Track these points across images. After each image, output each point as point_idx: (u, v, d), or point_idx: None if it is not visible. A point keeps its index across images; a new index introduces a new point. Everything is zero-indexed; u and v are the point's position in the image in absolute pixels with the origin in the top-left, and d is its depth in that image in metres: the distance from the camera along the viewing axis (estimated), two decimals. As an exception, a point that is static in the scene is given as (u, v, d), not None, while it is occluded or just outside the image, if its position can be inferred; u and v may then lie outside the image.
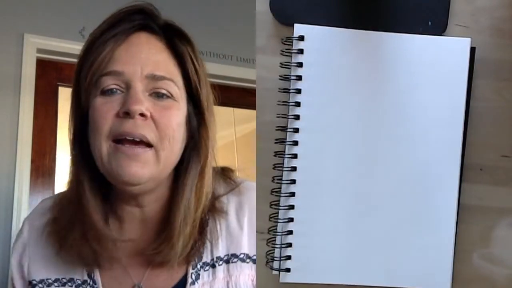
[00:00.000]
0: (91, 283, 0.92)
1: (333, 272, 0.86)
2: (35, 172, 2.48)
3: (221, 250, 0.92)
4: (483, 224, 0.88)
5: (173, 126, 0.88)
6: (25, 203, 2.38)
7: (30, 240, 0.97)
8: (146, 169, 0.85)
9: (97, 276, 0.92)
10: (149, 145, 0.86)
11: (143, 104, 0.85)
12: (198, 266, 0.91)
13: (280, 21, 0.89)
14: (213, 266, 0.92)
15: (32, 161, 2.46)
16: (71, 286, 0.93)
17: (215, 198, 0.94)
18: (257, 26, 0.89)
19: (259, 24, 0.89)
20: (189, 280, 0.90)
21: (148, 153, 0.85)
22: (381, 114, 0.87)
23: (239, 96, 2.62)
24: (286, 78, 0.87)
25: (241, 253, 0.92)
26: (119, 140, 0.85)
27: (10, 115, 2.37)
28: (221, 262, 0.92)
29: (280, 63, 0.87)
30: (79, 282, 0.93)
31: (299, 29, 0.87)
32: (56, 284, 0.94)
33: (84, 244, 0.89)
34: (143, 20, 0.91)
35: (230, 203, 0.95)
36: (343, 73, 0.87)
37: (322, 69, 0.87)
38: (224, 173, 0.98)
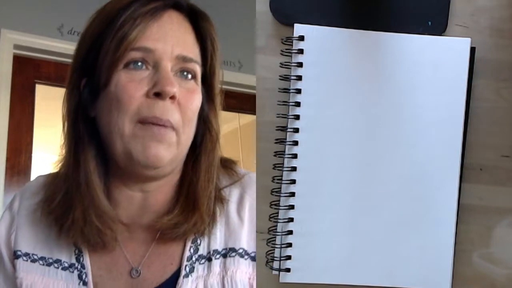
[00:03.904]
0: (79, 267, 0.94)
1: (333, 272, 0.91)
2: (10, 170, 2.49)
3: (218, 243, 0.93)
4: (483, 224, 0.93)
5: (193, 110, 0.91)
6: (-1, 201, 2.40)
7: (21, 213, 0.99)
8: (169, 151, 0.88)
9: (86, 260, 0.93)
10: (172, 127, 0.88)
11: (175, 86, 0.87)
12: (194, 259, 0.92)
13: (280, 21, 0.95)
14: (209, 259, 0.92)
15: (7, 159, 2.47)
16: (57, 267, 0.94)
17: (217, 189, 0.95)
18: (257, 26, 0.95)
19: (259, 24, 0.95)
20: (183, 273, 0.91)
21: (172, 135, 0.88)
22: (381, 114, 0.92)
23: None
24: (286, 78, 0.92)
25: (240, 248, 0.92)
26: (145, 121, 0.87)
27: (-15, 112, 2.40)
28: (218, 256, 0.92)
29: (280, 63, 0.93)
30: (66, 265, 0.94)
31: (299, 29, 0.93)
32: (41, 262, 0.95)
33: (86, 224, 0.90)
34: None
35: (231, 196, 0.95)
36: (343, 73, 0.93)
37: (322, 69, 0.93)
38: (227, 165, 0.99)
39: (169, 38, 0.89)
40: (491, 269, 0.93)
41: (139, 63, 0.88)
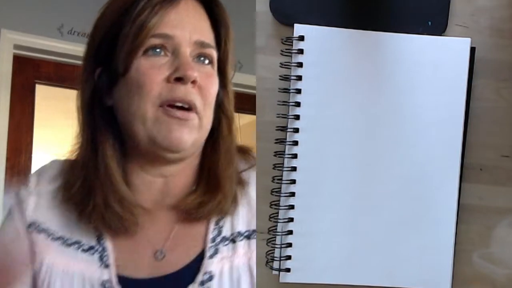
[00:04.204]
0: (99, 249, 0.94)
1: (333, 272, 0.92)
2: (10, 170, 2.50)
3: (241, 225, 0.94)
4: (483, 224, 0.94)
5: (213, 94, 0.92)
6: (-1, 201, 2.40)
7: (40, 193, 0.99)
8: (192, 134, 0.89)
9: (108, 243, 0.94)
10: (195, 110, 0.89)
11: (195, 70, 0.89)
12: (217, 241, 0.93)
13: (280, 21, 0.95)
14: (233, 241, 0.93)
15: (7, 159, 2.48)
16: (77, 249, 0.94)
17: (237, 172, 0.96)
18: (257, 26, 0.95)
19: (259, 24, 0.95)
20: (207, 254, 0.91)
21: (195, 118, 0.89)
22: (381, 114, 0.93)
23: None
24: (286, 78, 0.93)
25: None
26: (167, 104, 0.88)
27: (-15, 112, 2.40)
28: (241, 238, 0.93)
29: (280, 63, 0.93)
30: (86, 247, 0.94)
31: (299, 29, 0.93)
32: (59, 241, 0.95)
33: (107, 209, 0.90)
34: None
35: (251, 178, 0.97)
36: (343, 73, 0.93)
37: (322, 69, 0.93)
38: (244, 150, 1.01)
39: (187, 25, 0.91)
40: (491, 269, 0.93)
41: (158, 50, 0.89)
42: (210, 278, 0.90)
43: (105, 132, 0.93)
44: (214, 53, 0.94)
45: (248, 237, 0.93)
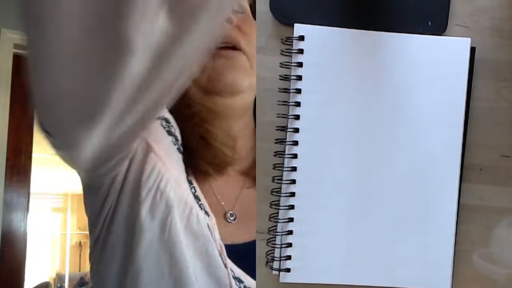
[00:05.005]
0: (196, 201, 0.95)
1: (333, 272, 0.92)
2: (10, 170, 2.52)
3: None
4: (483, 224, 0.94)
5: (253, 36, 0.92)
6: (-1, 201, 2.41)
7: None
8: (243, 75, 0.89)
9: (199, 191, 0.95)
10: (241, 50, 0.89)
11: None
12: None
13: (280, 21, 0.95)
14: None
15: (7, 159, 2.50)
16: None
17: None
18: (257, 26, 0.95)
19: (259, 24, 0.95)
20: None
21: (243, 58, 0.89)
22: (381, 114, 0.93)
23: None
24: (286, 78, 0.93)
25: None
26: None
27: (-15, 112, 2.41)
28: None
29: (280, 63, 0.93)
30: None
31: (299, 29, 0.94)
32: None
33: (208, 147, 0.93)
34: None
35: None
36: (343, 73, 0.94)
37: (322, 69, 0.94)
38: None
39: None
40: (491, 269, 0.93)
41: None
42: None
43: None
44: (245, 3, 0.93)
45: None
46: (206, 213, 0.92)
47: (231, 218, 0.92)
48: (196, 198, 0.92)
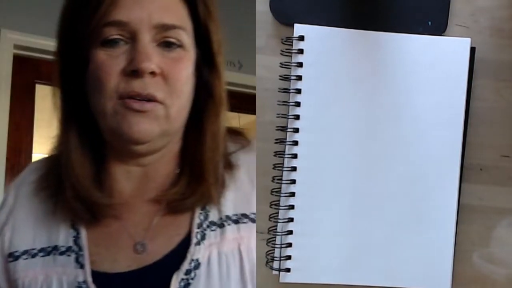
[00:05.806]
0: (76, 249, 0.89)
1: (333, 272, 0.92)
2: (10, 170, 2.51)
3: (229, 209, 0.87)
4: (483, 224, 0.94)
5: (182, 80, 0.85)
6: (-1, 201, 2.41)
7: (16, 205, 0.95)
8: (156, 125, 0.83)
9: (84, 241, 0.89)
10: (156, 101, 0.82)
11: (153, 60, 0.81)
12: (204, 225, 0.87)
13: (280, 21, 0.96)
14: (221, 225, 0.87)
15: (7, 159, 2.49)
16: (55, 254, 0.90)
17: (226, 155, 0.90)
18: (257, 26, 0.96)
19: (259, 24, 0.96)
20: (194, 240, 0.85)
21: (158, 108, 0.82)
22: (381, 114, 0.94)
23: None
24: (286, 78, 0.94)
25: (251, 213, 0.87)
26: (124, 97, 0.82)
27: (-15, 112, 2.41)
28: (230, 222, 0.87)
29: (280, 63, 0.94)
30: (63, 249, 0.90)
31: (299, 29, 0.94)
32: (41, 254, 0.91)
33: (76, 203, 0.87)
34: None
35: (241, 161, 0.90)
36: (343, 73, 0.94)
37: (322, 69, 0.94)
38: (233, 131, 0.94)
39: (146, 4, 0.82)
40: (491, 269, 0.94)
41: (116, 39, 0.82)
42: (197, 266, 0.84)
43: (75, 123, 0.88)
44: (182, 34, 0.85)
45: (237, 221, 0.86)
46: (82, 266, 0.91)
47: (141, 249, 0.88)
48: (77, 260, 0.91)
